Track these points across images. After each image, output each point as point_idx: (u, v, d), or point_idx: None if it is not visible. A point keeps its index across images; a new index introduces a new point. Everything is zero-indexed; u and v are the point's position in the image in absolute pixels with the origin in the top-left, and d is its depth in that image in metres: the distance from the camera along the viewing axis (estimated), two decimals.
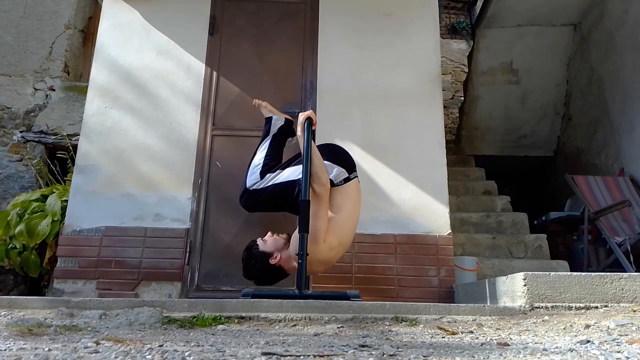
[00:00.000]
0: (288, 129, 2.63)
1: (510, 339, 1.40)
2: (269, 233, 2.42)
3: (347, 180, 2.38)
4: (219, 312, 1.81)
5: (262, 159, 2.47)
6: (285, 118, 2.64)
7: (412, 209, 3.01)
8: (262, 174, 2.41)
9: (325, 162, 2.37)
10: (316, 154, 2.36)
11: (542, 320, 1.68)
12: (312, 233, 2.19)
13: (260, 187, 2.38)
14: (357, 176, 2.45)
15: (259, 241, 2.37)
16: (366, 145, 3.13)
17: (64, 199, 3.08)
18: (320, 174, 2.30)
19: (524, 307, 1.86)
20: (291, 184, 2.35)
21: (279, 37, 3.37)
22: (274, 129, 2.59)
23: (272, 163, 2.48)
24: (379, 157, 3.11)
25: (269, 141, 2.54)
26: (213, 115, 3.20)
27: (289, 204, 2.38)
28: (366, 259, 2.88)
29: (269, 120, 2.62)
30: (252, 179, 2.42)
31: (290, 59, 3.33)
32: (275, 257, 2.31)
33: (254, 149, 3.07)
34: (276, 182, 2.38)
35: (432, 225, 2.98)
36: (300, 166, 2.33)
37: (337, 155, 2.47)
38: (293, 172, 2.39)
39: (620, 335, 1.33)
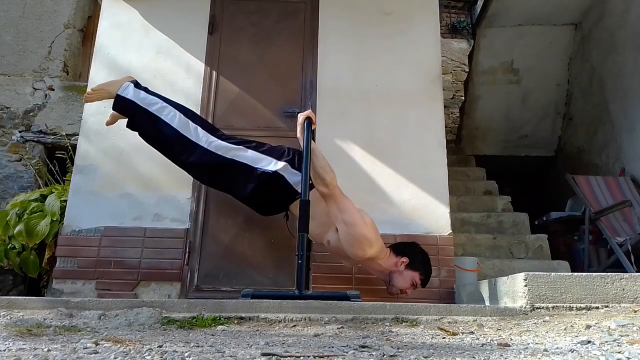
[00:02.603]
0: (136, 86, 2.53)
1: (511, 339, 1.40)
2: (397, 268, 2.46)
3: None
4: (219, 312, 1.81)
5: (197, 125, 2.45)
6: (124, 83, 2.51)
7: (413, 209, 3.01)
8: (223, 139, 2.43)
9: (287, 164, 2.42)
10: (317, 154, 2.34)
11: (543, 321, 1.68)
12: (352, 223, 2.28)
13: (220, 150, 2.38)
14: None
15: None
16: (366, 145, 3.12)
17: (63, 199, 3.07)
18: (323, 175, 2.29)
19: (525, 307, 1.85)
20: (250, 169, 2.37)
21: (278, 36, 3.37)
22: (134, 99, 2.46)
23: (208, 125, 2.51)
24: (379, 157, 3.10)
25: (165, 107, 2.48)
26: (213, 115, 3.19)
27: (241, 187, 2.42)
28: None
29: (124, 101, 2.44)
30: (211, 142, 2.40)
31: (290, 58, 3.32)
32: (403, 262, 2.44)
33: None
34: (238, 158, 2.38)
35: (432, 226, 2.98)
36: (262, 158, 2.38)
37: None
38: (255, 159, 2.39)
39: (621, 336, 1.33)
